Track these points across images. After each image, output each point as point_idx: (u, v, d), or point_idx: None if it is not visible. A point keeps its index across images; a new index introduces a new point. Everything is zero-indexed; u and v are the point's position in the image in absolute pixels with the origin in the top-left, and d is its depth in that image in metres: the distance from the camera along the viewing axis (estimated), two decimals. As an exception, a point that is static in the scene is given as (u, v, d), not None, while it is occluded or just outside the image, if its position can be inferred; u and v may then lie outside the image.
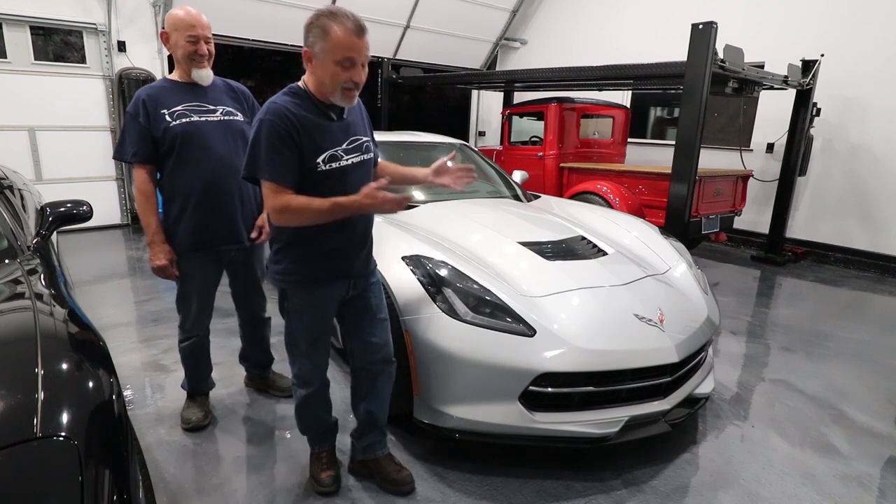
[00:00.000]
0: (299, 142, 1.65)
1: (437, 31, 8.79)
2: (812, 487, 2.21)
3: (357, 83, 1.69)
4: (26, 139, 6.02)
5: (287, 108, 1.66)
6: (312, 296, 1.85)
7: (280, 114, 1.64)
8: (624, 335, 2.18)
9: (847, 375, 3.27)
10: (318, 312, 1.89)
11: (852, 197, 6.04)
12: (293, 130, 1.64)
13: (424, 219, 2.85)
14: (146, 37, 6.55)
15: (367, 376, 2.04)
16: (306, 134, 1.66)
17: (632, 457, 2.33)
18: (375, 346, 2.00)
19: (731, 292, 4.91)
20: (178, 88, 2.21)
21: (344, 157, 1.76)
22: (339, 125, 1.77)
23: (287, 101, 1.68)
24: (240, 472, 2.18)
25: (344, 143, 1.77)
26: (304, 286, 1.84)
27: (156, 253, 2.21)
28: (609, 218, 3.34)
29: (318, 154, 1.69)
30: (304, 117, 1.67)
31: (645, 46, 7.31)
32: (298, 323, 1.89)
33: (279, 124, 1.63)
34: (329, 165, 1.71)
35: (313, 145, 1.68)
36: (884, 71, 5.66)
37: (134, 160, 2.16)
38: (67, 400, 1.18)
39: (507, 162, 6.98)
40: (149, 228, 2.20)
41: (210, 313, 2.44)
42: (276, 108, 1.65)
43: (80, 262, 5.05)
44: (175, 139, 2.15)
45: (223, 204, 2.26)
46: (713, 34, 4.31)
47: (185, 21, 2.14)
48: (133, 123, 2.15)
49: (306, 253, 1.80)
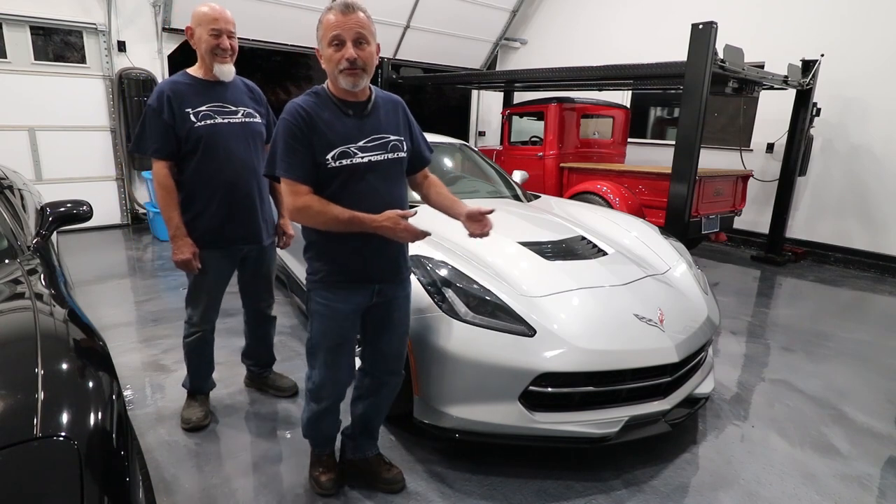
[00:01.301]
0: (310, 138, 1.66)
1: (437, 31, 8.79)
2: (812, 487, 2.21)
3: (350, 60, 1.63)
4: (26, 139, 6.02)
5: (301, 106, 1.68)
6: (335, 296, 1.82)
7: (293, 111, 1.67)
8: (624, 335, 2.18)
9: (847, 375, 3.27)
10: (340, 315, 1.83)
11: (852, 197, 6.04)
12: (305, 127, 1.65)
13: (424, 219, 2.84)
14: (146, 37, 6.54)
15: (372, 381, 2.02)
16: (317, 130, 1.67)
17: (632, 457, 2.33)
18: (389, 357, 1.98)
19: (731, 292, 4.91)
20: (201, 86, 2.22)
21: (358, 154, 1.72)
22: (355, 122, 1.73)
23: (303, 100, 1.71)
24: (240, 472, 2.18)
25: (361, 140, 1.73)
26: (327, 286, 1.81)
27: (179, 247, 2.21)
28: (609, 218, 3.34)
29: (329, 150, 1.68)
30: (316, 114, 1.68)
31: (645, 46, 7.30)
32: (319, 325, 1.85)
33: (292, 122, 1.66)
34: (339, 162, 1.69)
35: (323, 141, 1.67)
36: (884, 71, 5.66)
37: (156, 156, 2.17)
38: (67, 400, 1.18)
39: (507, 162, 6.97)
40: (171, 223, 2.20)
41: (218, 309, 2.47)
42: (292, 106, 1.69)
43: (80, 262, 5.05)
44: (199, 140, 2.17)
45: (244, 205, 2.30)
46: (713, 34, 4.30)
47: (209, 15, 2.17)
48: (156, 119, 2.14)
49: (331, 251, 1.79)
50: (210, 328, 2.46)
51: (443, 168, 4.05)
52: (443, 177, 3.95)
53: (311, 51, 8.09)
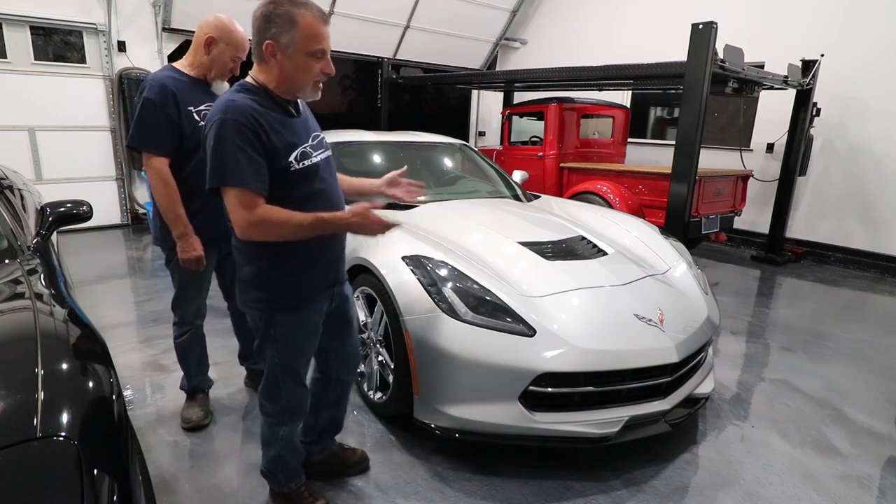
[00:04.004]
0: (267, 142, 1.50)
1: (437, 31, 8.79)
2: (812, 487, 2.21)
3: (328, 74, 1.58)
4: (26, 139, 6.02)
5: (247, 106, 1.49)
6: (306, 313, 1.71)
7: (244, 111, 1.47)
8: (624, 335, 2.18)
9: (847, 375, 3.27)
10: (314, 330, 1.76)
11: (852, 197, 6.04)
12: (260, 130, 1.49)
13: (424, 219, 2.84)
14: (146, 37, 6.54)
15: (338, 385, 2.00)
16: (274, 132, 1.52)
17: (632, 457, 2.32)
18: (352, 357, 1.98)
19: (731, 292, 4.91)
20: (196, 85, 2.21)
21: (313, 153, 1.64)
22: (300, 121, 1.65)
23: (244, 98, 1.51)
24: (240, 472, 2.18)
25: (309, 140, 1.65)
26: (294, 307, 1.67)
27: (190, 244, 2.17)
28: (609, 218, 3.34)
29: (290, 152, 1.56)
30: (268, 115, 1.53)
31: (645, 46, 7.31)
32: (293, 348, 1.73)
33: (245, 124, 1.46)
34: (302, 163, 1.59)
35: (283, 143, 1.54)
36: (884, 71, 5.66)
37: (159, 152, 2.10)
38: (67, 400, 1.18)
39: (507, 162, 6.97)
40: (179, 220, 2.14)
41: (205, 304, 2.47)
42: (239, 105, 1.48)
43: (80, 262, 5.05)
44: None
45: None
46: (713, 34, 4.30)
47: (241, 44, 2.18)
48: (160, 114, 2.08)
49: (299, 269, 1.64)
50: (200, 324, 2.47)
51: (443, 168, 4.05)
52: (442, 177, 3.95)
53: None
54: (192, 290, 2.38)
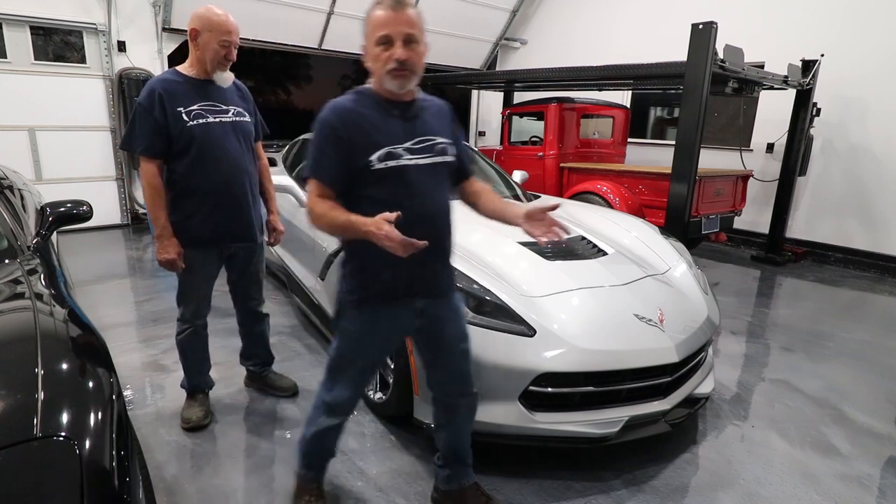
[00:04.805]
0: (347, 138, 1.54)
1: (437, 30, 8.78)
2: (812, 487, 2.21)
3: (400, 61, 1.50)
4: (26, 139, 6.02)
5: (340, 104, 1.57)
6: (371, 319, 1.67)
7: (335, 109, 1.57)
8: (624, 335, 2.18)
9: (847, 375, 3.27)
10: (378, 340, 1.72)
11: (852, 197, 6.04)
12: (341, 127, 1.54)
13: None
14: (146, 37, 6.55)
15: (443, 408, 1.90)
16: (358, 129, 1.54)
17: (632, 457, 2.32)
18: (453, 379, 1.83)
19: (731, 292, 4.91)
20: (193, 85, 2.21)
21: (405, 155, 1.58)
22: (401, 122, 1.61)
23: (344, 98, 1.60)
24: (240, 472, 2.18)
25: (407, 142, 1.59)
26: (360, 306, 1.67)
27: (165, 247, 2.20)
28: (609, 218, 3.34)
29: (372, 151, 1.54)
30: (358, 112, 1.56)
31: (645, 46, 7.30)
32: (353, 346, 1.73)
33: (332, 121, 1.55)
34: (385, 163, 1.55)
35: (366, 141, 1.55)
36: (884, 71, 5.66)
37: (146, 154, 2.14)
38: (67, 400, 1.18)
39: (507, 162, 6.97)
40: (158, 222, 2.18)
41: (209, 304, 2.47)
42: (331, 104, 1.59)
43: (80, 262, 5.05)
44: (192, 140, 2.16)
45: (238, 203, 2.30)
46: (713, 34, 4.30)
47: (223, 26, 2.14)
48: (147, 117, 2.11)
49: (362, 265, 1.64)
50: (202, 324, 2.47)
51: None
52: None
53: (310, 51, 8.11)
54: (189, 290, 2.38)
